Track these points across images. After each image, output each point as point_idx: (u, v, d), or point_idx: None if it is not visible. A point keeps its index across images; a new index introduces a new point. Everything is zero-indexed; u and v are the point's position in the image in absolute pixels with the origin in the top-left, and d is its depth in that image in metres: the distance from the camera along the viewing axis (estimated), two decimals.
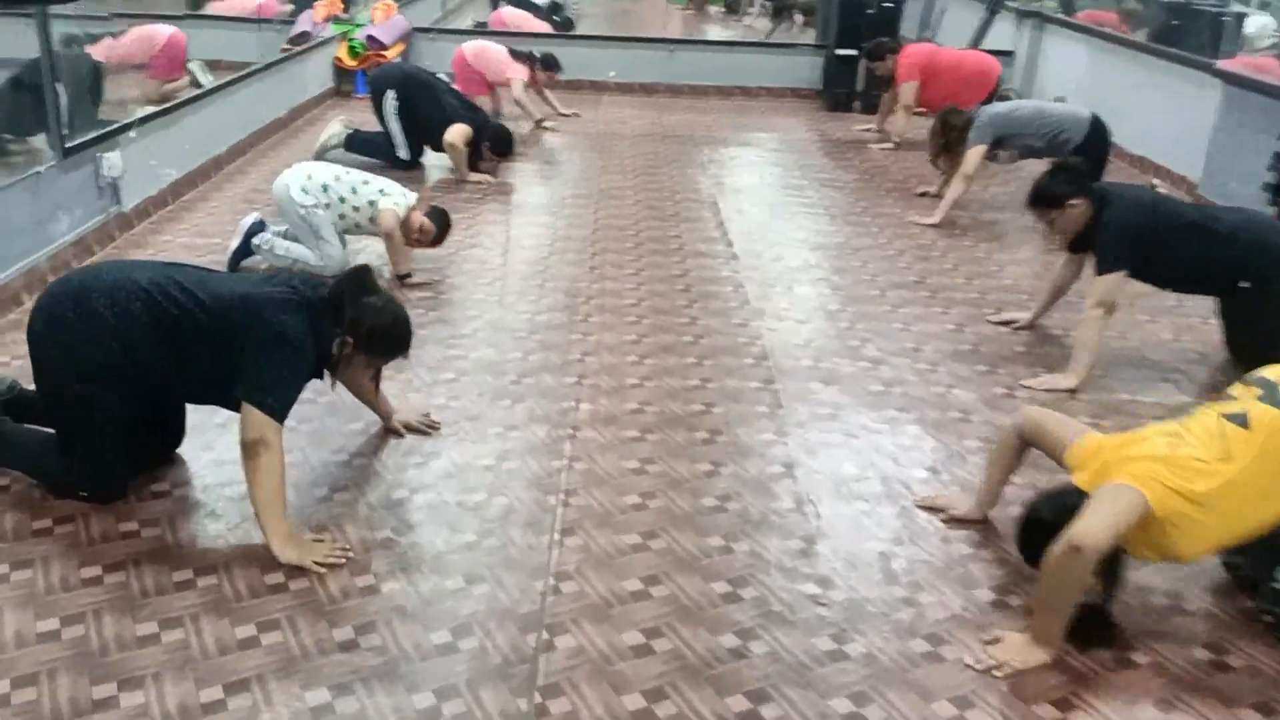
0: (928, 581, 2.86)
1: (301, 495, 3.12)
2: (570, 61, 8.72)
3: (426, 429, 3.51)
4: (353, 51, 8.81)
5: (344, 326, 2.90)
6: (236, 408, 2.77)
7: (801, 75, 9.70)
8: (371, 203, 4.76)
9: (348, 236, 5.00)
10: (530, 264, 5.22)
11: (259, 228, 4.86)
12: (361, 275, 3.00)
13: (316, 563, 2.78)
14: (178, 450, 3.29)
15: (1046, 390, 4.02)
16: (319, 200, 4.75)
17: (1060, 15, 9.36)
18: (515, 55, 7.97)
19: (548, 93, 8.38)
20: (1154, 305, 4.90)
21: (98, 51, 7.43)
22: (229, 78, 6.75)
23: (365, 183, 4.82)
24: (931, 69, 7.86)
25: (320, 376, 3.05)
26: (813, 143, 8.14)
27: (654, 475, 3.34)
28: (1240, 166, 6.17)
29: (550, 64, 8.17)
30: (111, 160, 5.05)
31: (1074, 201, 4.05)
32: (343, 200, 4.77)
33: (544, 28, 10.71)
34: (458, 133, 6.41)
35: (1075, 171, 4.16)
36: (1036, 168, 5.23)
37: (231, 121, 6.65)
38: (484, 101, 8.12)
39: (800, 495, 3.26)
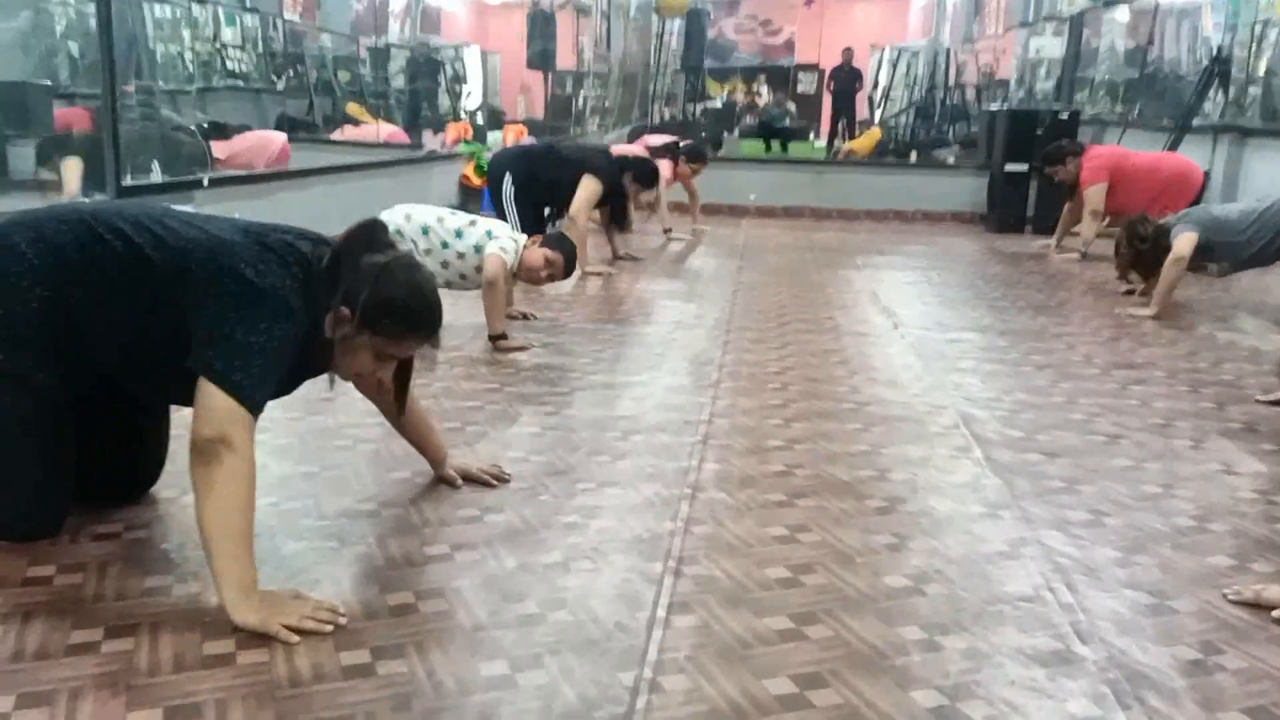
0: (1275, 699, 1.67)
1: (294, 542, 2.18)
2: (707, 183, 8.07)
3: (491, 481, 2.54)
4: (479, 170, 8.39)
5: (338, 291, 2.00)
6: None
7: (964, 198, 8.79)
8: (478, 248, 3.97)
9: (453, 292, 4.21)
10: (652, 337, 4.30)
11: None
12: (369, 228, 2.10)
13: (287, 628, 1.80)
14: (151, 489, 2.40)
15: None
16: (417, 246, 3.99)
17: (1265, 126, 8.25)
18: (654, 151, 7.32)
19: (697, 190, 7.62)
20: None
21: (217, 149, 7.21)
22: (345, 160, 6.28)
23: (472, 223, 4.05)
24: (1121, 171, 6.82)
25: (316, 371, 2.15)
26: (982, 254, 7.13)
27: (809, 546, 2.26)
28: None
29: (696, 154, 7.43)
30: None
31: None
32: (445, 246, 4.00)
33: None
34: (581, 202, 5.53)
35: None
36: (1268, 280, 4.10)
37: (334, 211, 6.07)
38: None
39: (1039, 580, 2.12)
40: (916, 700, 1.67)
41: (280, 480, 2.53)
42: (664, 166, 7.24)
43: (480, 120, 11.26)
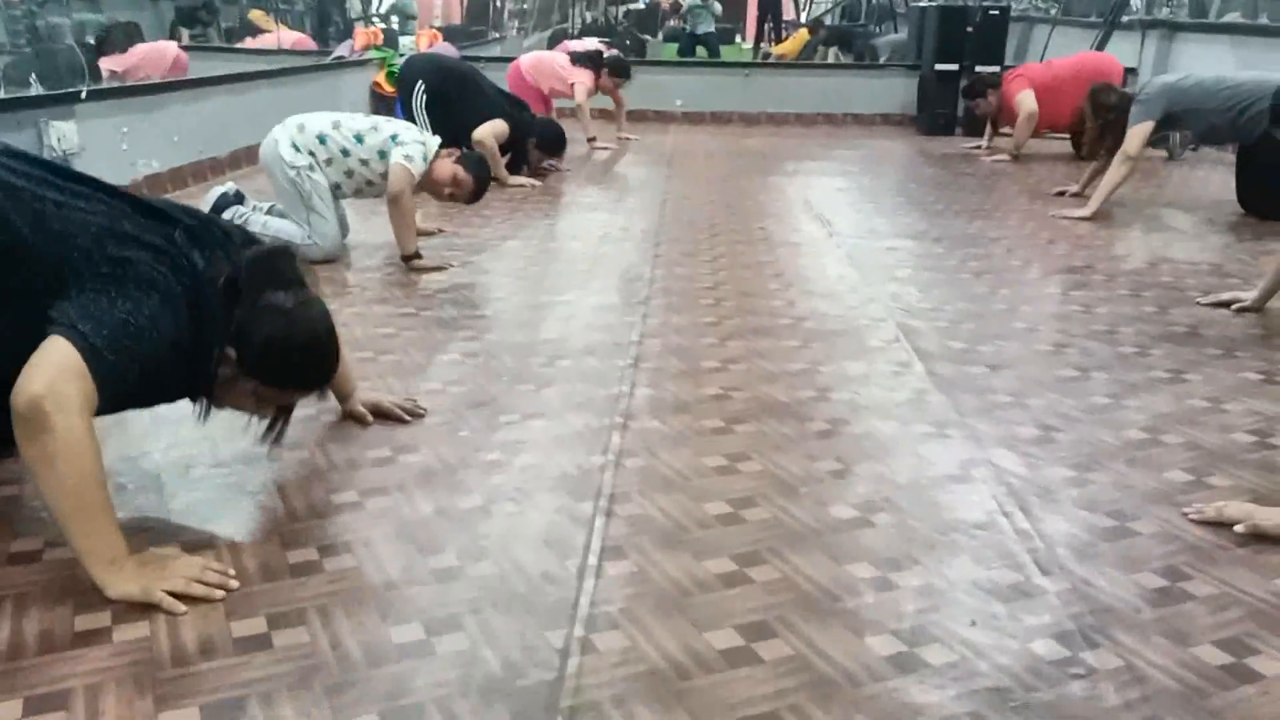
0: (1259, 639, 1.57)
1: (186, 492, 1.96)
2: (632, 89, 7.75)
3: (404, 416, 2.34)
4: (390, 77, 7.94)
5: (229, 328, 1.74)
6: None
7: (894, 99, 8.60)
8: (382, 154, 3.67)
9: (350, 216, 3.94)
10: (578, 253, 4.08)
11: (232, 200, 3.81)
12: (275, 258, 1.82)
13: (173, 595, 1.59)
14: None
15: None
16: (314, 158, 3.68)
17: (1193, 20, 8.17)
18: (577, 60, 6.97)
19: (622, 97, 7.32)
20: None
21: (109, 63, 6.71)
22: (246, 69, 5.86)
23: (374, 129, 3.73)
24: (1045, 82, 6.67)
25: (184, 394, 1.89)
26: (913, 157, 6.97)
27: (750, 476, 2.11)
28: None
29: (619, 68, 7.11)
30: (62, 131, 4.08)
31: None
32: (345, 154, 3.69)
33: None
34: (487, 129, 5.35)
35: None
36: (1198, 176, 4.01)
37: (241, 122, 5.66)
38: None
39: (991, 505, 2.01)
40: (872, 648, 1.53)
41: (169, 420, 2.29)
42: (586, 76, 6.92)
43: (394, 24, 10.69)
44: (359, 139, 3.68)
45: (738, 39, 16.71)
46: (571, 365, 2.74)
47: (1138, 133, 4.73)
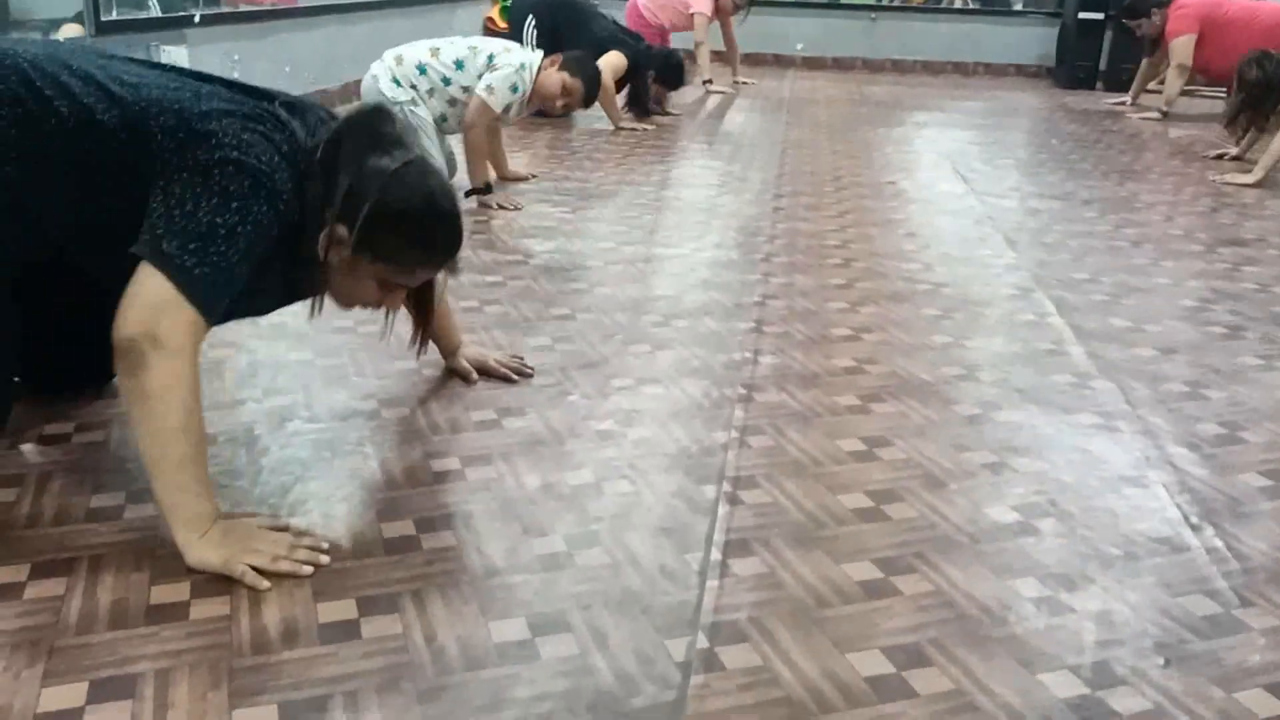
0: None
1: (278, 448, 1.82)
2: (747, 32, 7.41)
3: (511, 375, 2.16)
4: (505, 12, 7.74)
5: (334, 202, 1.55)
6: None
7: (1029, 49, 8.07)
8: (480, 77, 3.50)
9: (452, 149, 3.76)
10: (693, 203, 3.84)
11: None
12: (371, 118, 1.63)
13: (255, 570, 1.45)
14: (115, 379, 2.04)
15: None
16: (416, 91, 3.51)
17: None
18: None
19: (734, 36, 6.99)
20: None
21: None
22: None
23: (473, 51, 3.54)
24: (1213, 22, 6.11)
25: (299, 293, 1.74)
26: (1051, 111, 6.50)
27: (891, 465, 1.88)
28: None
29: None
30: (173, 56, 3.99)
31: None
32: (447, 82, 3.51)
33: None
34: (605, 63, 5.09)
35: None
36: None
37: (350, 53, 5.53)
38: None
39: (1172, 515, 1.74)
40: (1047, 686, 1.30)
41: (266, 368, 2.16)
42: (706, 4, 6.60)
43: None
44: (459, 65, 3.50)
45: None
46: (688, 326, 2.53)
47: None
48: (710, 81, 6.74)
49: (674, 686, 1.28)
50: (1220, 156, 4.98)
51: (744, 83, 7.13)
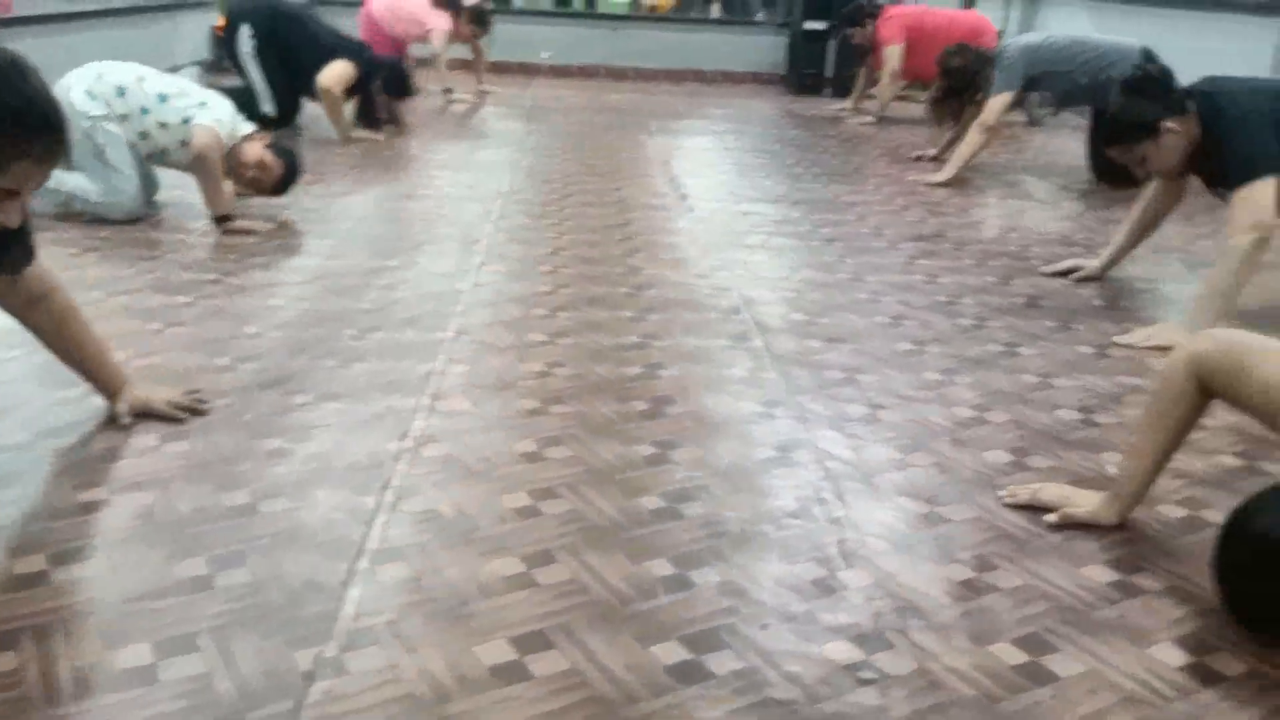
0: (1059, 635, 1.51)
1: None
2: (495, 39, 7.47)
3: (178, 416, 2.05)
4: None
5: None
6: None
7: (764, 58, 8.49)
8: (186, 119, 3.38)
9: (155, 167, 3.62)
10: (416, 214, 3.85)
11: None
12: None
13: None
14: None
15: (1153, 348, 2.72)
16: (110, 109, 3.36)
17: None
18: (437, 2, 6.62)
19: (480, 54, 7.03)
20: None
21: None
22: (72, 8, 5.37)
23: (182, 93, 3.44)
24: (918, 31, 6.64)
25: None
26: (780, 117, 6.88)
27: (560, 462, 1.97)
28: None
29: (480, 17, 6.77)
30: None
31: (1169, 124, 2.76)
32: (145, 112, 3.38)
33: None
34: (334, 74, 5.02)
35: (1157, 80, 2.83)
36: (1057, 143, 4.04)
37: (68, 67, 5.18)
38: None
39: (807, 492, 1.91)
40: (656, 656, 1.41)
41: None
42: (444, 20, 6.60)
43: None
44: (163, 99, 3.38)
45: None
46: (386, 338, 2.55)
47: (996, 103, 4.72)
48: (451, 90, 6.74)
49: (292, 697, 1.30)
50: (919, 158, 5.42)
51: (488, 91, 7.17)
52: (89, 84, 3.36)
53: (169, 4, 6.82)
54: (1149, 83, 2.82)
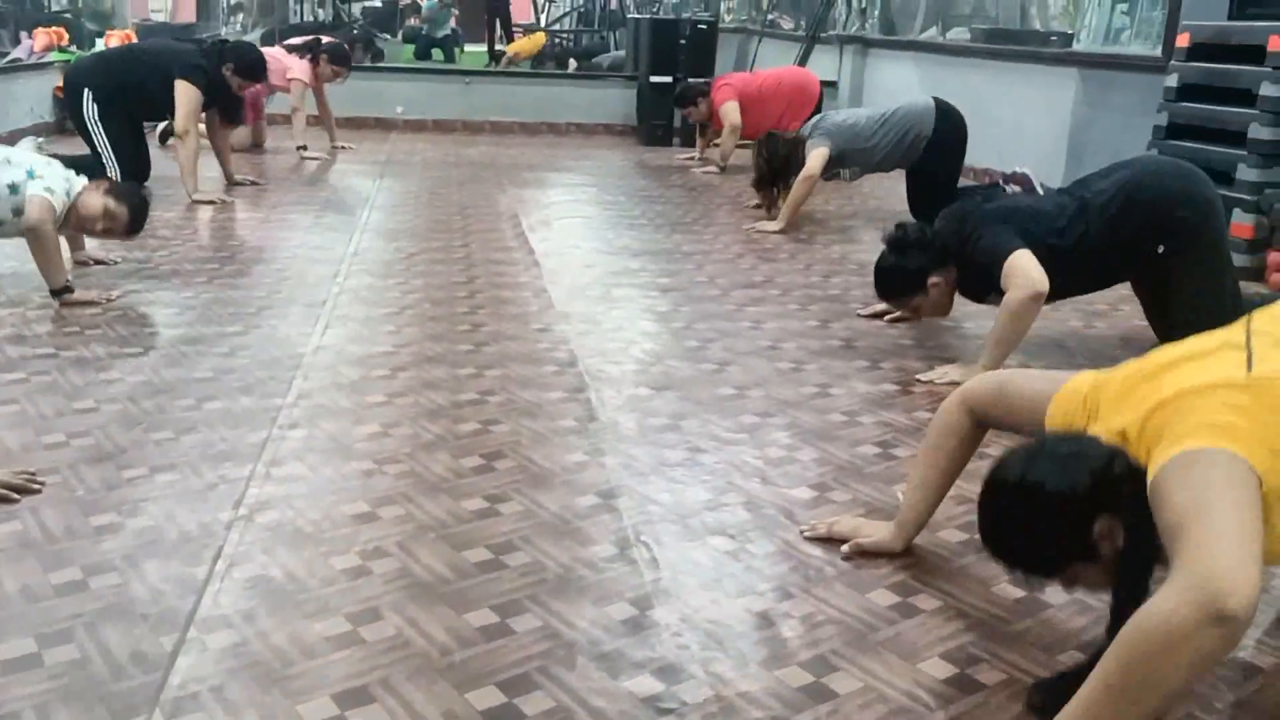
0: (842, 656, 1.68)
1: None
2: (350, 96, 7.52)
3: (11, 495, 2.06)
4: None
5: None
6: None
7: (614, 109, 8.76)
8: (13, 188, 3.35)
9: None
10: (259, 278, 3.88)
11: None
12: None
13: None
14: None
15: (948, 385, 2.98)
16: None
17: (884, 37, 8.80)
18: (292, 50, 6.63)
19: (328, 103, 7.06)
20: None
21: None
22: None
23: (6, 162, 3.41)
24: (749, 92, 7.02)
25: None
26: (630, 168, 7.12)
27: (390, 522, 2.06)
28: (1102, 144, 5.46)
29: (339, 55, 6.75)
30: None
31: (934, 279, 3.06)
32: None
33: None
34: (183, 112, 4.94)
35: (917, 237, 3.12)
36: (884, 187, 4.37)
37: None
38: (243, 134, 6.77)
39: (626, 535, 2.05)
40: (472, 702, 1.52)
41: None
42: (304, 68, 6.62)
43: (88, 23, 9.84)
44: None
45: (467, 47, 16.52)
46: (221, 407, 2.59)
47: (817, 155, 5.04)
48: (305, 147, 6.75)
49: None
50: (758, 206, 5.70)
51: (343, 147, 7.20)
52: None
53: (4, 67, 6.67)
54: (910, 243, 3.12)
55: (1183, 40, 4.72)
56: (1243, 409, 1.41)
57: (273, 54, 6.72)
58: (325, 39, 7.24)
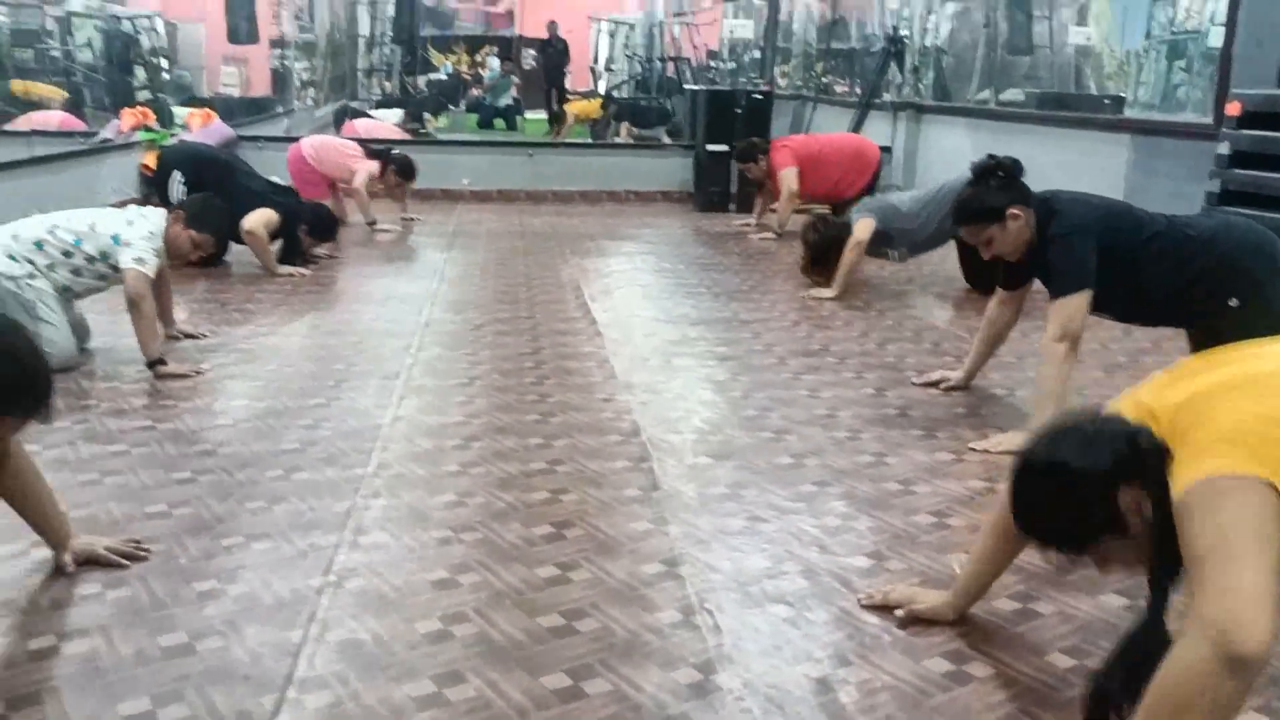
0: (889, 711, 1.77)
1: None
2: (419, 168, 7.83)
3: (121, 562, 2.23)
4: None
5: None
6: None
7: (672, 177, 8.98)
8: (104, 253, 3.62)
9: (96, 319, 3.82)
10: (336, 351, 4.08)
11: None
12: None
13: None
14: None
15: (1002, 453, 3.04)
16: (34, 265, 3.58)
17: (937, 103, 8.94)
18: (368, 151, 7.01)
19: (365, 196, 7.36)
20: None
21: None
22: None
23: (91, 230, 3.67)
24: (809, 154, 7.18)
25: None
26: (688, 236, 7.30)
27: (467, 589, 2.19)
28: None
29: (405, 169, 7.13)
30: None
31: (1014, 210, 3.16)
32: (68, 255, 3.62)
33: (396, 134, 9.83)
34: (257, 218, 5.30)
35: (1009, 174, 3.25)
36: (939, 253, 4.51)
37: None
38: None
39: (690, 603, 2.16)
40: None
41: None
42: (373, 165, 6.95)
43: (173, 99, 10.38)
44: (78, 241, 3.62)
45: (528, 114, 17.01)
46: (307, 478, 2.76)
47: (863, 224, 5.18)
48: (375, 222, 7.04)
49: None
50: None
51: (412, 219, 7.49)
52: (7, 247, 3.57)
53: (92, 149, 7.07)
54: (999, 171, 3.22)
55: (1233, 109, 4.79)
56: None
57: (342, 147, 7.05)
58: (394, 150, 7.52)
